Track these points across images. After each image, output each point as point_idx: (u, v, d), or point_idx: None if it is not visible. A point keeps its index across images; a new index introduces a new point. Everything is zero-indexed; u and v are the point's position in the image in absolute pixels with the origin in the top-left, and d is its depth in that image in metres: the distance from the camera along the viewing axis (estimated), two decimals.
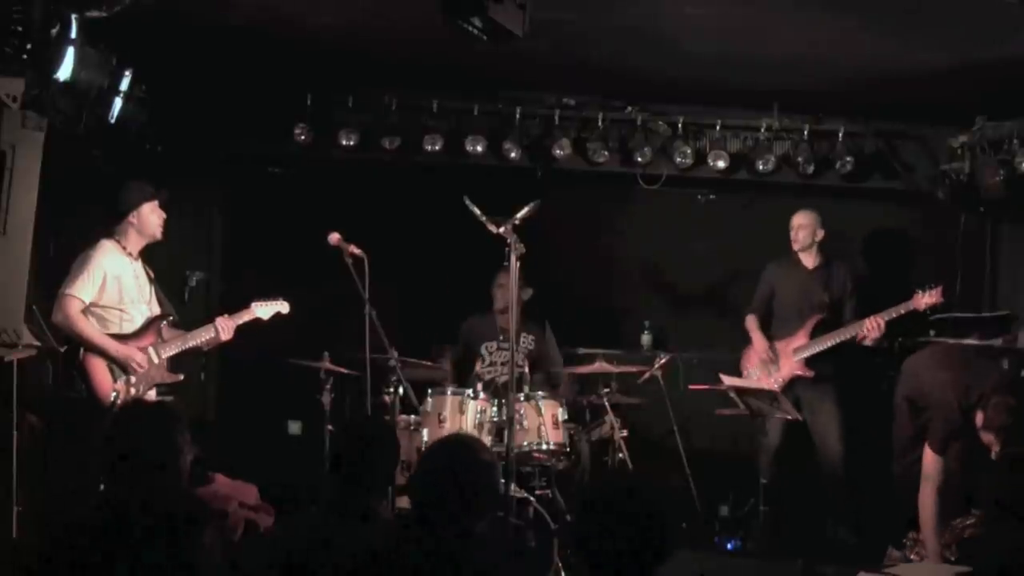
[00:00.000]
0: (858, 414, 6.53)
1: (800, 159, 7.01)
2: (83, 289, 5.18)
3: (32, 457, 4.94)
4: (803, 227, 6.67)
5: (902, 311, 6.29)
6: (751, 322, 6.76)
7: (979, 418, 4.83)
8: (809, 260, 6.72)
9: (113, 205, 5.44)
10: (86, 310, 5.21)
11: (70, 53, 4.75)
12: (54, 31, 4.62)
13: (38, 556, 2.66)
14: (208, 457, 5.17)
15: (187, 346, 5.55)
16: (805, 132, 7.04)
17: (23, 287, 4.67)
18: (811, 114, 7.04)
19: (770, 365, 6.57)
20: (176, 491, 3.02)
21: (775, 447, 6.45)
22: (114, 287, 5.29)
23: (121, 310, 5.33)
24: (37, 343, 4.83)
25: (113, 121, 5.48)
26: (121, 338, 5.29)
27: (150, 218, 5.46)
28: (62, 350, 5.11)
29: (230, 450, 6.05)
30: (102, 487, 3.26)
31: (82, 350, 5.18)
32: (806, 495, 6.60)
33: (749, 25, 5.46)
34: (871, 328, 6.28)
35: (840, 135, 7.05)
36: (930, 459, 5.18)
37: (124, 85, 5.45)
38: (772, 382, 6.49)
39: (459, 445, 3.25)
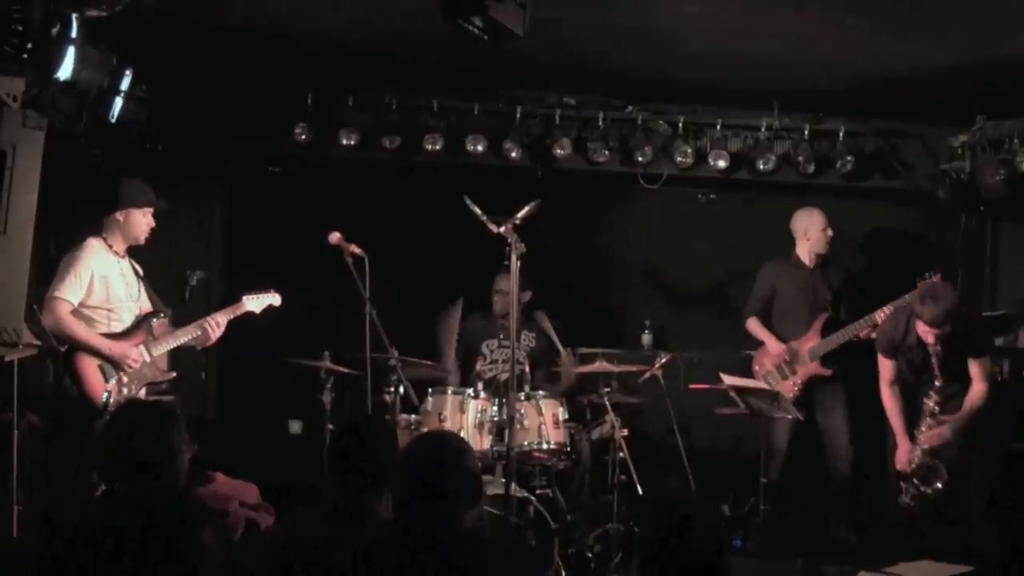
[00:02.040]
0: (859, 413, 6.54)
1: (800, 158, 7.01)
2: (70, 290, 5.16)
3: (32, 457, 4.94)
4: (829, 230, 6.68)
5: (908, 299, 6.30)
6: (756, 324, 6.74)
7: (919, 325, 5.45)
8: (809, 259, 6.72)
9: (110, 201, 5.42)
10: (74, 311, 5.18)
11: (70, 52, 4.74)
12: (54, 30, 4.61)
13: (38, 556, 2.66)
14: (208, 456, 5.18)
15: (177, 343, 5.53)
16: (805, 131, 7.04)
17: (23, 287, 4.67)
18: (811, 113, 7.05)
19: (786, 368, 6.57)
20: (174, 491, 3.02)
21: (783, 449, 6.46)
22: (101, 287, 5.26)
23: (109, 309, 5.31)
24: (37, 342, 4.83)
25: (113, 120, 5.46)
26: (111, 337, 5.28)
27: (139, 223, 5.42)
28: (63, 350, 5.09)
29: (230, 449, 6.04)
30: (101, 487, 3.26)
31: (74, 351, 5.16)
32: (807, 494, 6.60)
33: (749, 24, 5.46)
34: (883, 319, 6.29)
35: (840, 134, 7.06)
36: (880, 361, 5.90)
37: (124, 84, 5.43)
38: (791, 385, 6.49)
39: (428, 442, 3.28)
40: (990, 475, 4.57)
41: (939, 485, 5.55)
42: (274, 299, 5.85)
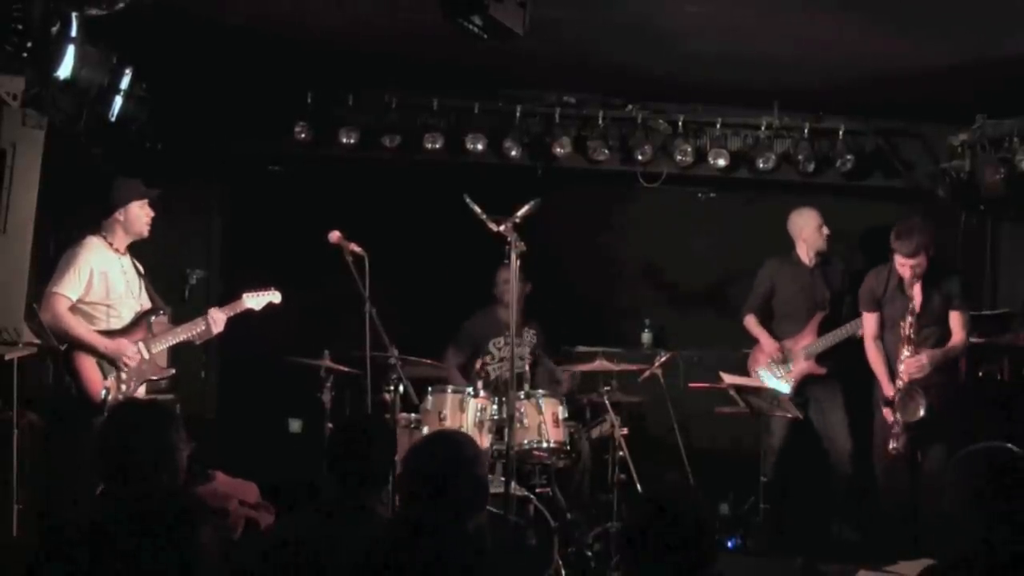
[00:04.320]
0: (860, 411, 6.54)
1: (800, 157, 7.01)
2: (69, 287, 5.16)
3: (32, 456, 4.94)
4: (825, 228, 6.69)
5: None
6: (752, 322, 6.75)
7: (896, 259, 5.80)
8: (809, 258, 6.72)
9: (104, 201, 5.43)
10: (73, 307, 5.19)
11: (70, 51, 4.75)
12: (54, 29, 4.61)
13: (37, 556, 2.66)
14: (208, 455, 5.19)
15: (178, 340, 5.54)
16: (805, 130, 7.04)
17: (23, 286, 4.68)
18: (811, 112, 7.04)
19: (780, 365, 6.57)
20: (172, 489, 3.02)
21: (780, 447, 6.46)
22: (100, 283, 5.27)
23: (108, 306, 5.32)
24: (37, 341, 4.83)
25: (113, 119, 5.47)
26: (109, 334, 5.28)
27: (138, 216, 5.43)
28: (63, 348, 5.10)
29: (230, 448, 6.06)
30: (100, 486, 3.26)
31: (73, 348, 5.16)
32: (807, 493, 6.60)
33: (749, 23, 5.46)
34: None
35: (840, 133, 7.06)
36: (864, 317, 6.16)
37: (124, 83, 5.43)
38: (784, 382, 6.49)
39: (443, 442, 3.25)
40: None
41: (921, 413, 5.67)
42: (274, 297, 5.86)
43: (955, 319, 5.90)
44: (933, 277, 5.84)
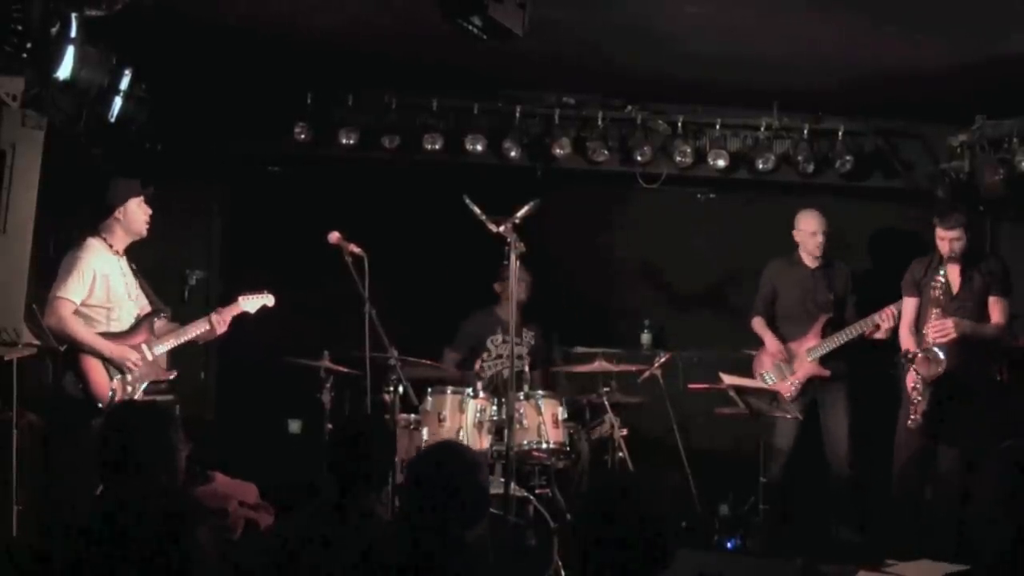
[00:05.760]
0: (863, 412, 6.54)
1: (800, 158, 7.01)
2: (73, 290, 5.16)
3: (32, 457, 4.94)
4: (825, 232, 6.64)
5: None
6: (759, 324, 6.74)
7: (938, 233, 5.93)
8: (811, 260, 6.71)
9: (101, 202, 5.43)
10: (76, 310, 5.19)
11: (70, 52, 4.75)
12: (54, 30, 4.61)
13: (36, 556, 2.67)
14: (208, 456, 5.19)
15: (181, 341, 5.54)
16: (805, 131, 7.04)
17: (23, 286, 4.66)
18: (811, 113, 7.04)
19: (784, 367, 6.57)
20: (170, 490, 3.03)
21: (787, 449, 6.45)
22: (102, 286, 5.27)
23: (108, 308, 5.31)
24: (37, 342, 4.82)
25: (113, 120, 5.46)
26: (112, 336, 5.27)
27: (136, 214, 5.44)
28: (62, 349, 5.09)
29: (230, 449, 6.07)
30: (100, 487, 3.26)
31: (76, 349, 5.16)
32: (807, 493, 6.60)
33: (749, 24, 5.46)
34: (885, 319, 6.29)
35: (840, 134, 7.06)
36: (904, 304, 6.20)
37: (124, 84, 5.43)
38: (788, 385, 6.49)
39: (445, 454, 3.25)
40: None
41: (941, 369, 5.72)
42: (268, 299, 5.87)
43: (995, 304, 5.97)
44: (974, 259, 5.98)
